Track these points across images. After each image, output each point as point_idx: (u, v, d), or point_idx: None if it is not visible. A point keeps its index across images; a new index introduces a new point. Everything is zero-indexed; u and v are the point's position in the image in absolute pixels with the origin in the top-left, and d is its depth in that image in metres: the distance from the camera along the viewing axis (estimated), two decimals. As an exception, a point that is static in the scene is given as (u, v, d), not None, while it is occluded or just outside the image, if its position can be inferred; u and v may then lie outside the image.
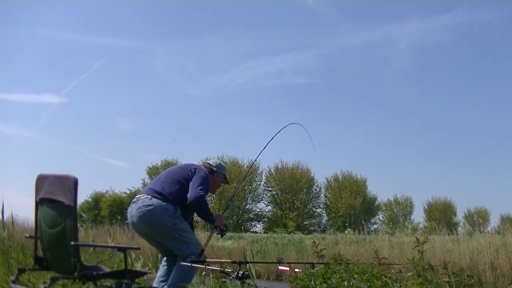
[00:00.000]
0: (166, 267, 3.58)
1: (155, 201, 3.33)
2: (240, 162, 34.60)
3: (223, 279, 2.88)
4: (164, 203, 3.33)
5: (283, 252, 12.48)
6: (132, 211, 3.40)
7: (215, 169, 3.83)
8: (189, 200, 3.40)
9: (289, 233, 24.37)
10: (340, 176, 35.81)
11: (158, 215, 3.30)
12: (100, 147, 46.73)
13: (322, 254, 2.60)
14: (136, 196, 3.50)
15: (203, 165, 3.83)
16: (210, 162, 3.89)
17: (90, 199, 31.19)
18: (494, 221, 32.47)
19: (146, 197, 3.36)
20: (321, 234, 21.87)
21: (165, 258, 3.66)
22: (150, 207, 3.31)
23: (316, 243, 2.62)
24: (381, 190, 46.28)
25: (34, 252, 2.96)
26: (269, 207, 35.58)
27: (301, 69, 46.09)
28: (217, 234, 3.80)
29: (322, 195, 36.40)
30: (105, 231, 13.66)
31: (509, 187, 39.86)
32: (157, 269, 6.00)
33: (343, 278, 2.35)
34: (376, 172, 44.28)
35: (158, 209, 3.30)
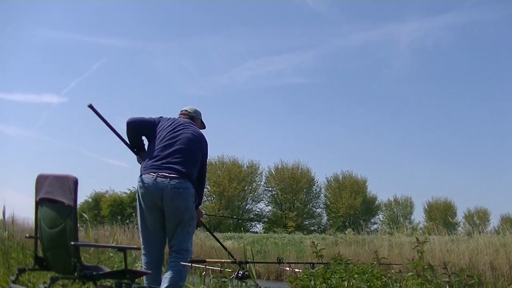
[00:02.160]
0: (150, 261, 3.51)
1: (189, 184, 3.42)
2: (240, 162, 34.63)
3: (223, 279, 2.88)
4: (193, 190, 3.46)
5: (283, 252, 12.50)
6: (161, 185, 3.31)
7: (194, 115, 3.92)
8: (202, 185, 3.67)
9: (289, 233, 24.37)
10: (340, 176, 35.86)
11: (190, 200, 3.41)
12: (100, 147, 46.75)
13: (321, 254, 2.60)
14: (165, 172, 3.36)
15: (181, 114, 3.89)
16: (188, 109, 3.94)
17: (90, 199, 31.20)
18: (494, 221, 32.52)
19: (181, 179, 3.35)
20: (321, 234, 21.87)
21: (146, 261, 3.53)
22: (187, 190, 3.37)
23: (315, 243, 2.62)
24: (381, 190, 46.34)
25: (34, 252, 2.96)
26: (269, 207, 35.64)
27: (301, 69, 46.11)
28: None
29: (322, 195, 36.47)
30: (105, 231, 13.65)
31: (509, 187, 39.89)
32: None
33: (343, 278, 2.35)
34: (376, 172, 44.31)
35: (192, 193, 3.43)
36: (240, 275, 3.28)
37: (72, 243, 2.56)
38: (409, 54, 43.96)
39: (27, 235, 3.25)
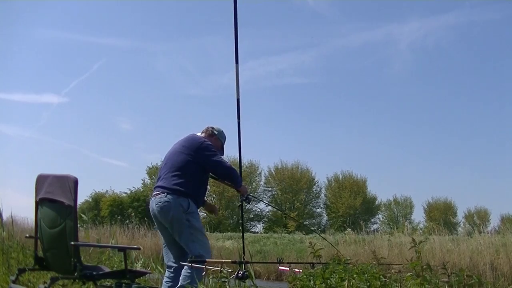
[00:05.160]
0: (172, 274, 3.61)
1: (170, 197, 3.53)
2: (240, 162, 34.56)
3: (223, 279, 2.88)
4: (179, 198, 3.52)
5: (283, 252, 12.49)
6: (152, 205, 3.64)
7: (216, 132, 3.95)
8: (218, 172, 3.72)
9: (289, 233, 24.35)
10: (340, 176, 35.84)
11: (174, 210, 3.50)
12: (100, 147, 46.71)
13: (319, 254, 2.60)
14: (154, 193, 3.69)
15: (205, 129, 3.95)
16: (214, 126, 3.99)
17: (90, 199, 31.17)
18: (494, 221, 32.51)
19: (162, 194, 3.57)
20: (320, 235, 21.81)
21: (169, 264, 3.67)
22: (166, 203, 3.52)
23: (313, 244, 2.62)
24: (381, 190, 46.32)
25: (34, 252, 2.97)
26: (269, 207, 35.63)
27: (301, 69, 46.08)
28: (244, 201, 4.00)
29: (322, 195, 36.44)
30: (105, 231, 13.65)
31: (509, 187, 39.87)
32: (157, 269, 6.02)
33: (343, 278, 2.35)
34: (376, 172, 44.27)
35: (174, 204, 3.51)
36: (240, 275, 3.28)
37: (72, 243, 2.56)
38: (410, 54, 43.98)
39: (27, 235, 3.25)
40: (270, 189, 35.78)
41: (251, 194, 4.13)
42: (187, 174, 3.59)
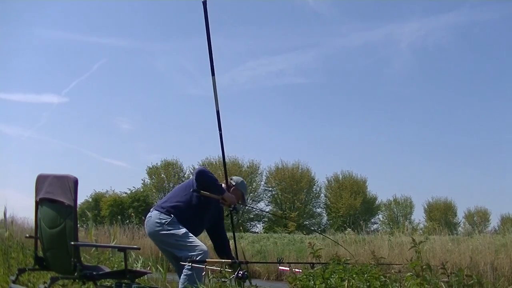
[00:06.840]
0: None
1: (153, 213, 3.72)
2: (240, 162, 34.60)
3: (223, 279, 2.88)
4: (159, 213, 3.67)
5: (283, 252, 12.48)
6: None
7: (233, 183, 3.95)
8: (197, 179, 3.65)
9: (290, 233, 24.35)
10: (340, 176, 35.84)
11: (153, 224, 3.66)
12: (100, 147, 46.80)
13: (319, 255, 2.60)
14: None
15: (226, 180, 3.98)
16: (233, 177, 4.03)
17: (90, 199, 31.22)
18: (494, 221, 32.52)
19: (150, 212, 3.80)
20: (321, 234, 21.82)
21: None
22: (148, 218, 3.72)
23: (312, 244, 2.62)
24: (381, 190, 46.31)
25: (34, 252, 2.97)
26: (269, 207, 35.62)
27: (302, 69, 46.07)
28: (232, 212, 3.91)
29: (322, 195, 36.45)
30: (105, 231, 13.65)
31: (509, 187, 39.86)
32: (157, 269, 6.02)
33: (343, 278, 2.35)
34: (376, 172, 44.28)
35: (153, 219, 3.67)
36: (240, 275, 3.28)
37: (72, 243, 2.56)
38: (410, 54, 43.97)
39: (27, 235, 3.25)
40: (270, 189, 35.79)
41: (240, 203, 3.99)
42: (177, 196, 3.77)
